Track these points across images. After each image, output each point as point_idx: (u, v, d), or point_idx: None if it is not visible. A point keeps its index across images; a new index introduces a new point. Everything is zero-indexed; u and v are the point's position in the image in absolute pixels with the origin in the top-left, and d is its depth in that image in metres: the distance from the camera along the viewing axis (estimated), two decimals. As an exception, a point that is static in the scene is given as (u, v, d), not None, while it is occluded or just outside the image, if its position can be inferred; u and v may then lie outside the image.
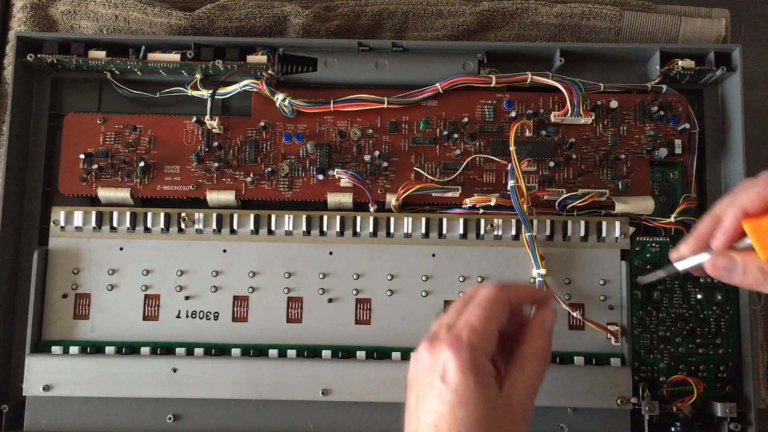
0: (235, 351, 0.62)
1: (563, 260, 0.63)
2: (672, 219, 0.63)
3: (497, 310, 0.47)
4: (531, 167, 0.63)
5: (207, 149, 0.64)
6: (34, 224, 0.65)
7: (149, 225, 0.63)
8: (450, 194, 0.63)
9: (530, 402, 0.46)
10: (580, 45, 0.67)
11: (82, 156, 0.64)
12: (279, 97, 0.63)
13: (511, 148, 0.60)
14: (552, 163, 0.64)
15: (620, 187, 0.64)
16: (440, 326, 0.48)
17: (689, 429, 0.60)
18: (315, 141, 0.64)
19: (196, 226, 0.63)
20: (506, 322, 0.48)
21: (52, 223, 0.63)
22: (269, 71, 0.64)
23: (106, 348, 0.61)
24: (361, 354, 0.61)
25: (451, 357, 0.44)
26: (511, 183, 0.60)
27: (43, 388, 0.60)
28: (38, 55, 0.63)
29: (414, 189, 0.62)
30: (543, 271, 0.60)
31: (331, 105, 0.64)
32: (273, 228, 0.63)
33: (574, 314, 0.61)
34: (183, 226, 0.63)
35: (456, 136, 0.64)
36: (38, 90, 0.67)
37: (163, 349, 0.61)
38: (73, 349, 0.61)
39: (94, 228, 0.63)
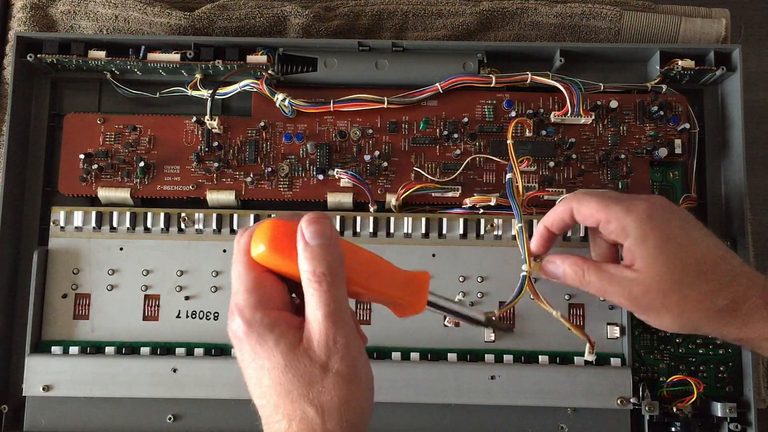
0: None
1: (563, 260, 0.63)
2: (672, 219, 0.63)
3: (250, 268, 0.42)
4: (531, 167, 0.63)
5: (207, 149, 0.64)
6: (34, 224, 0.65)
7: (149, 225, 0.63)
8: (450, 194, 0.63)
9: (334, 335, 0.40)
10: (580, 45, 0.67)
11: (82, 156, 0.64)
12: (279, 97, 0.63)
13: (508, 142, 0.60)
14: (552, 163, 0.64)
15: (620, 187, 0.64)
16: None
17: (689, 429, 0.60)
18: (315, 141, 0.64)
19: (196, 226, 0.63)
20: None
21: (52, 223, 0.63)
22: (269, 71, 0.64)
23: (106, 348, 0.61)
24: (361, 354, 0.61)
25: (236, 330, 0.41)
26: (508, 176, 0.59)
27: (43, 388, 0.60)
28: (38, 55, 0.63)
29: (414, 189, 0.62)
30: (526, 267, 0.56)
31: (331, 105, 0.64)
32: (273, 228, 0.63)
33: (554, 313, 0.57)
34: (183, 226, 0.63)
35: (456, 136, 0.64)
36: (38, 90, 0.67)
37: (163, 349, 0.61)
38: (73, 349, 0.61)
39: (94, 228, 0.63)
